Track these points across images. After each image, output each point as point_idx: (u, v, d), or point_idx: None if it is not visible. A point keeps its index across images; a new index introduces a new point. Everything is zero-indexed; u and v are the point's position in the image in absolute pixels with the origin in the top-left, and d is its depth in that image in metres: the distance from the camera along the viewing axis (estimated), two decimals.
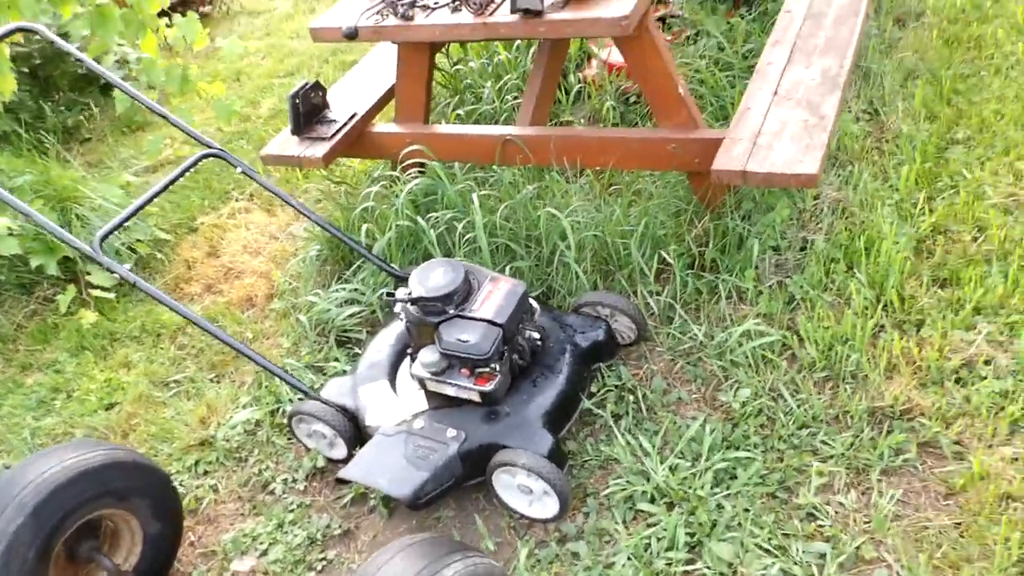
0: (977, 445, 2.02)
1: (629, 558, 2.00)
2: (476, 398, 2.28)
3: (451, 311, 2.30)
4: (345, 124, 3.12)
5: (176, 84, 4.14)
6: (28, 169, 3.61)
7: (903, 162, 2.89)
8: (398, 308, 2.46)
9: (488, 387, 2.23)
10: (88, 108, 5.13)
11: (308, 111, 3.16)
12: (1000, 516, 1.84)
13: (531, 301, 2.45)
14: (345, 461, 2.44)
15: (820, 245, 2.62)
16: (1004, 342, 2.23)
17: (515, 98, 3.60)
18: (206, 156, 2.77)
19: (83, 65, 2.84)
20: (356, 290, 3.00)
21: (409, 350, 2.53)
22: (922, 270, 2.50)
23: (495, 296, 2.31)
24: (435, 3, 2.80)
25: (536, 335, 2.41)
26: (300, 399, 2.65)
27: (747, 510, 2.02)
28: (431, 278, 2.33)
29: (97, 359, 3.12)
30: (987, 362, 2.19)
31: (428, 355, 2.28)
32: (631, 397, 2.42)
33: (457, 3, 2.74)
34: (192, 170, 2.55)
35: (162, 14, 3.87)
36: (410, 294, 2.32)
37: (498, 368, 2.24)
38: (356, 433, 2.46)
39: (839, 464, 2.08)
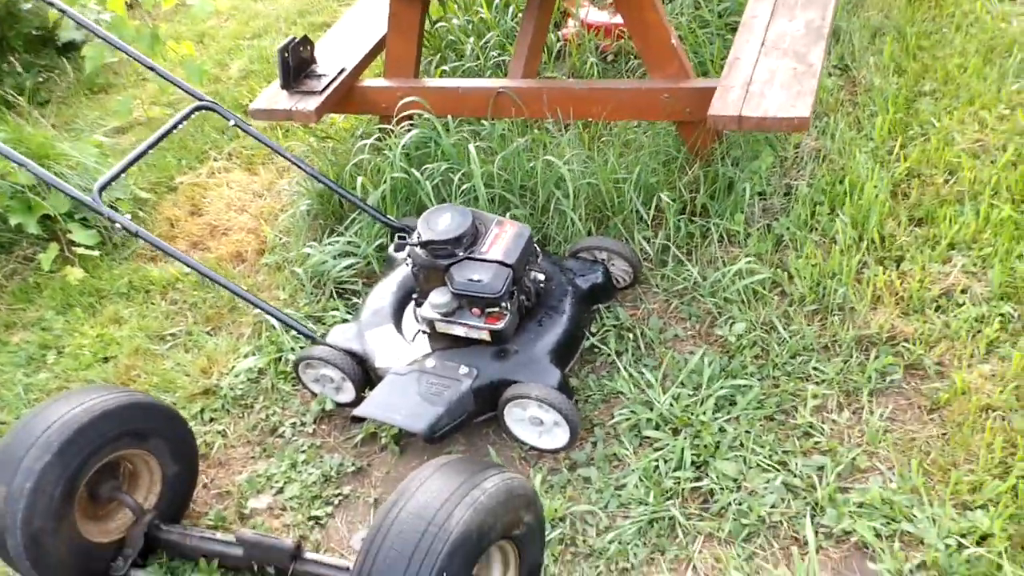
0: (957, 364, 2.19)
1: (639, 479, 2.11)
2: (486, 337, 2.35)
3: (461, 253, 2.36)
4: (335, 78, 3.13)
5: (146, 44, 4.06)
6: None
7: (876, 113, 3.05)
8: (405, 253, 2.51)
9: (499, 325, 2.30)
10: (46, 70, 4.97)
11: (297, 65, 3.15)
12: (983, 424, 2.01)
13: (535, 245, 2.53)
14: (353, 404, 2.49)
15: (804, 190, 2.75)
16: (978, 273, 2.40)
17: (499, 55, 3.64)
18: (199, 109, 2.76)
19: (38, 25, 2.78)
20: (351, 243, 3.03)
21: (415, 295, 2.59)
22: (900, 211, 2.66)
23: (503, 239, 2.38)
24: None
25: (541, 277, 2.49)
26: (303, 346, 2.68)
27: (748, 432, 2.15)
28: (440, 222, 2.39)
29: (86, 315, 3.09)
30: (963, 291, 2.36)
31: (439, 296, 2.34)
32: (630, 335, 2.53)
33: None
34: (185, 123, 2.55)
35: None
36: (419, 238, 2.38)
37: (508, 307, 2.32)
38: (364, 376, 2.51)
39: (831, 387, 2.22)
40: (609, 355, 2.50)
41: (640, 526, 2.01)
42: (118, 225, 2.34)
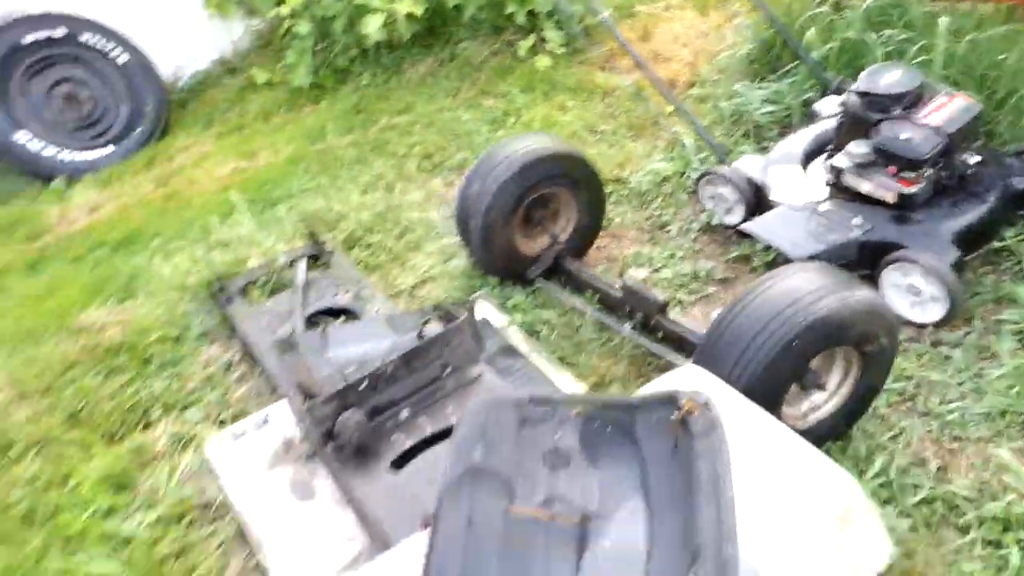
0: None
1: (1007, 374, 2.07)
2: (890, 199, 2.38)
3: (897, 111, 2.38)
4: None
5: None
6: None
7: None
8: (837, 103, 2.59)
9: (911, 189, 2.32)
10: None
11: None
12: None
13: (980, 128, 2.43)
14: (737, 227, 2.74)
15: None
16: None
17: None
18: None
19: None
20: (778, 91, 3.16)
21: (828, 148, 2.68)
22: None
23: (948, 108, 2.34)
24: None
25: (973, 160, 2.40)
26: (708, 167, 2.95)
27: None
28: (885, 76, 2.42)
29: (542, 98, 3.72)
30: None
31: (859, 147, 2.42)
32: None
33: None
34: None
35: None
36: (860, 87, 2.44)
37: (926, 175, 2.32)
38: (755, 205, 2.72)
39: None
40: (1019, 262, 2.37)
41: (990, 412, 2.01)
42: (600, 17, 2.76)
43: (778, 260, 2.58)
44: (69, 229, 3.69)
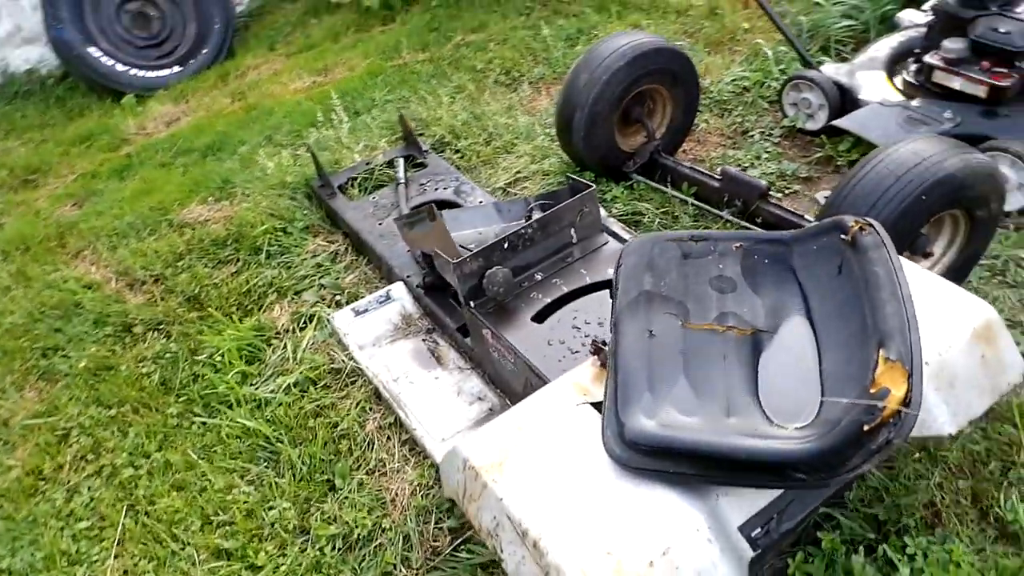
0: None
1: None
2: (982, 94, 2.49)
3: (993, 8, 2.48)
4: None
5: None
6: None
7: None
8: (929, 4, 2.69)
9: (1004, 83, 2.43)
10: None
11: None
12: None
13: None
14: (817, 132, 2.85)
15: None
16: None
17: None
18: None
19: None
20: (857, 6, 3.25)
21: (916, 50, 2.78)
22: None
23: None
24: None
25: None
26: (788, 75, 3.05)
27: None
28: None
29: (615, 17, 3.80)
30: None
31: (953, 43, 2.52)
32: None
33: None
34: None
35: None
36: None
37: (1021, 67, 2.42)
38: (840, 108, 2.82)
39: None
40: None
41: None
42: None
43: (857, 158, 2.70)
44: (149, 140, 3.79)
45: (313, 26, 4.55)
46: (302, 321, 2.52)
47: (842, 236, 1.48)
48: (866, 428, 1.20)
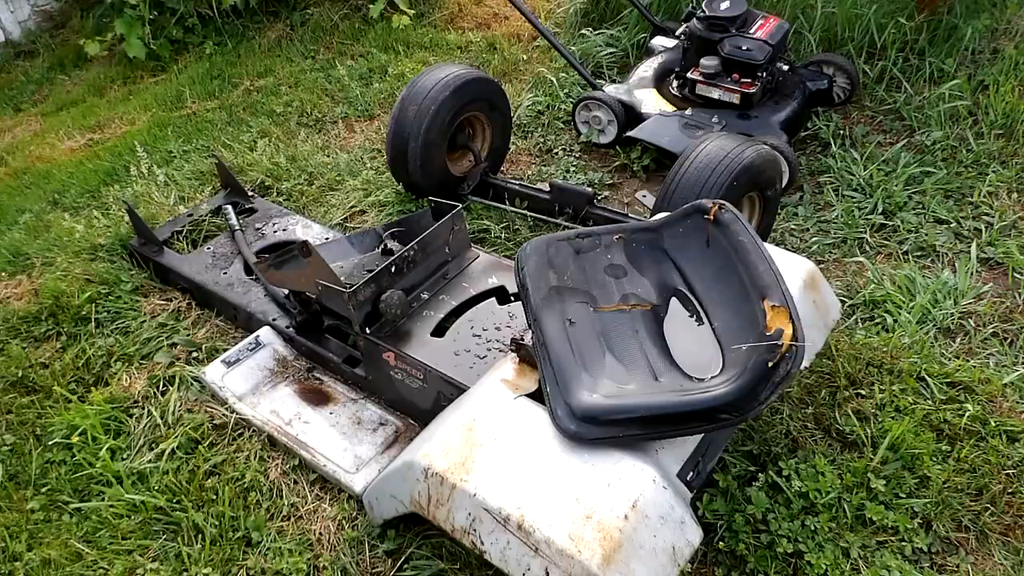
0: None
1: (839, 215, 2.82)
2: (736, 101, 3.07)
3: (733, 30, 3.06)
4: None
5: None
6: None
7: None
8: (679, 31, 3.24)
9: (751, 90, 3.01)
10: None
11: None
12: None
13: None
14: (611, 144, 3.28)
15: (1010, 51, 3.29)
16: None
17: None
18: None
19: None
20: (615, 36, 3.77)
21: (676, 70, 3.32)
22: None
23: (768, 26, 3.07)
24: None
25: (786, 67, 3.17)
26: (573, 97, 3.45)
27: (932, 199, 2.81)
28: (721, 6, 3.09)
29: (402, 55, 3.98)
30: None
31: (709, 61, 3.06)
32: (840, 134, 3.19)
33: None
34: None
35: None
36: (704, 13, 3.09)
37: (761, 77, 3.02)
38: (626, 123, 3.27)
39: (1007, 182, 2.84)
40: (818, 146, 3.18)
41: (835, 241, 2.73)
42: None
43: (650, 167, 3.17)
44: None
45: (63, 82, 4.16)
46: (161, 384, 2.36)
47: (705, 216, 1.80)
48: (770, 364, 1.49)
